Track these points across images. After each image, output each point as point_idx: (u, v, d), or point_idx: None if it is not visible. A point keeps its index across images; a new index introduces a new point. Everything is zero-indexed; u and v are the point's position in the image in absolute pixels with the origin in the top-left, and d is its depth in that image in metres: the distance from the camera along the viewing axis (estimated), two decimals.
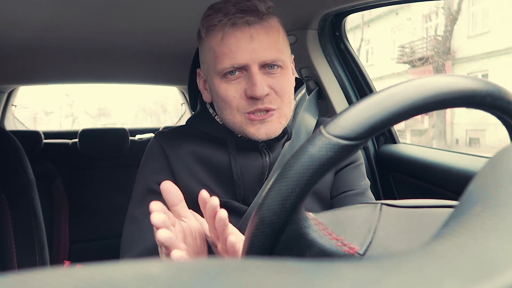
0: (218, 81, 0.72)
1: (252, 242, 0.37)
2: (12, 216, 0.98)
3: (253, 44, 0.68)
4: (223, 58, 0.69)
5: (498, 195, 0.21)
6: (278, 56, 0.70)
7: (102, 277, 0.13)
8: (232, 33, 0.68)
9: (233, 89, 0.71)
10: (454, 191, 0.97)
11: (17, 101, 2.49)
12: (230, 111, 0.72)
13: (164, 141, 0.80)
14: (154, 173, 0.78)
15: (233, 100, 0.71)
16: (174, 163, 0.77)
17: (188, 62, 0.93)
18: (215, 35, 0.70)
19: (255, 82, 0.68)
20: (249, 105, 0.71)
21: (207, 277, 0.14)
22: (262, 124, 0.71)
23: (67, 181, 1.94)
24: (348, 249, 0.36)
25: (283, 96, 0.72)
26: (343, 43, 1.31)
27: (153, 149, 0.81)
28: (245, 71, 0.70)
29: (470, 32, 9.37)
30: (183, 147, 0.78)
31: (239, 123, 0.73)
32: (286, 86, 0.73)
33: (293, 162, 0.34)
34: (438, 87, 0.35)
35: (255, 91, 0.68)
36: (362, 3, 1.07)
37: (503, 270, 0.15)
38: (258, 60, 0.69)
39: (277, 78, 0.71)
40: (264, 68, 0.71)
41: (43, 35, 1.38)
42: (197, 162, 0.77)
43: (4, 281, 0.13)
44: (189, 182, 0.75)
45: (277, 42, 0.71)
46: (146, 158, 0.82)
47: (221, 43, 0.69)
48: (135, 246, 0.73)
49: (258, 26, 0.69)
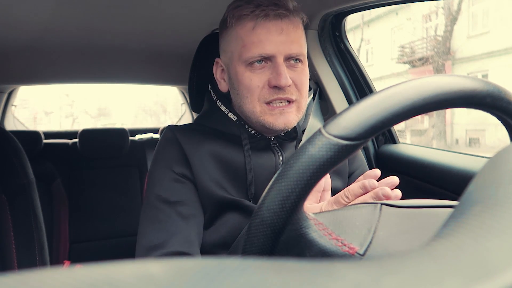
0: (243, 70, 0.74)
1: (252, 242, 0.37)
2: (12, 216, 0.98)
3: (282, 36, 0.71)
4: (251, 47, 0.71)
5: (497, 195, 0.21)
6: (301, 51, 0.75)
7: (102, 277, 0.13)
8: (264, 24, 0.71)
9: (257, 78, 0.73)
10: (454, 191, 0.97)
11: (17, 101, 2.49)
12: (251, 100, 0.74)
13: (180, 134, 0.80)
14: (174, 162, 0.78)
15: (256, 89, 0.73)
16: (191, 156, 0.77)
17: (188, 62, 0.93)
18: (246, 24, 0.72)
19: (280, 72, 0.71)
20: (271, 94, 0.73)
21: (207, 277, 0.14)
22: (281, 114, 0.74)
23: (67, 181, 1.94)
24: (348, 249, 0.36)
25: (302, 90, 0.75)
26: (343, 43, 1.31)
27: (169, 139, 0.81)
28: (270, 62, 0.73)
29: (470, 32, 9.36)
30: (198, 143, 0.79)
31: (258, 112, 0.75)
32: (305, 80, 0.76)
33: (293, 162, 0.34)
34: (438, 87, 0.35)
35: (280, 81, 0.71)
36: (362, 3, 1.07)
37: (502, 270, 0.15)
38: (284, 52, 0.72)
39: (298, 72, 0.75)
40: (288, 61, 0.74)
41: (43, 35, 1.38)
42: (212, 160, 0.78)
43: (4, 281, 0.13)
44: (203, 179, 0.76)
45: (302, 38, 0.76)
46: (163, 147, 0.81)
47: (251, 33, 0.71)
48: (154, 237, 0.73)
49: (288, 20, 0.72)
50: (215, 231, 0.76)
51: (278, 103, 0.74)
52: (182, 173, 0.77)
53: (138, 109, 21.09)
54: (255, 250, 0.37)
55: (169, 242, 0.72)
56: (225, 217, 0.75)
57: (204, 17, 1.23)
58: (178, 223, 0.73)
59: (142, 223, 0.76)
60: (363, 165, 0.92)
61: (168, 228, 0.73)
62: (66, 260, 1.79)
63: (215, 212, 0.76)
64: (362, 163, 0.93)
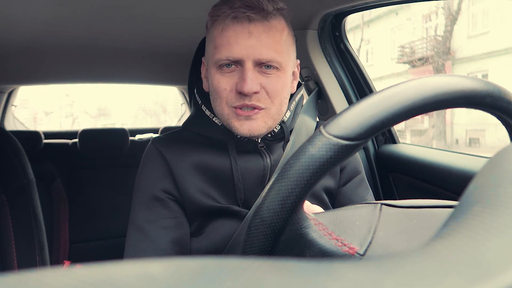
0: (214, 71, 0.73)
1: (252, 242, 0.37)
2: (12, 216, 0.98)
3: (250, 40, 0.69)
4: (221, 49, 0.70)
5: (497, 195, 0.21)
6: (274, 57, 0.70)
7: (102, 277, 0.13)
8: (231, 25, 0.69)
9: (225, 81, 0.71)
10: (454, 191, 0.97)
11: (17, 101, 2.49)
12: (219, 102, 0.73)
13: (162, 147, 0.79)
14: (157, 180, 0.77)
15: (223, 92, 0.72)
16: (175, 169, 0.76)
17: (188, 62, 0.93)
18: (218, 25, 0.71)
19: (245, 78, 0.69)
20: (237, 99, 0.71)
21: (207, 277, 0.14)
22: (247, 120, 0.72)
23: (67, 181, 1.94)
24: (348, 249, 0.36)
25: (274, 97, 0.73)
26: (343, 43, 1.31)
27: (151, 154, 0.80)
28: (240, 66, 0.71)
29: (470, 32, 9.37)
30: (182, 153, 0.78)
31: (226, 116, 0.74)
32: (279, 88, 0.73)
33: (293, 162, 0.34)
34: (438, 87, 0.35)
35: (244, 87, 0.69)
36: (362, 3, 1.07)
37: (502, 270, 0.15)
38: (253, 57, 0.69)
39: (271, 78, 0.72)
40: (259, 66, 0.71)
41: (43, 35, 1.38)
42: (197, 169, 0.76)
43: (4, 281, 0.13)
44: (189, 190, 0.75)
45: (278, 43, 0.71)
46: (145, 164, 0.81)
47: (221, 34, 0.70)
48: (143, 256, 0.73)
49: (259, 23, 0.70)
50: (205, 238, 0.75)
51: (244, 108, 0.72)
52: (166, 189, 0.76)
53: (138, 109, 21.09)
54: (255, 250, 0.37)
55: (157, 246, 0.73)
56: (216, 224, 0.75)
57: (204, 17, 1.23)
58: (162, 245, 0.73)
59: (127, 243, 0.76)
60: (354, 160, 0.89)
61: (150, 253, 0.73)
62: (66, 260, 1.79)
63: (204, 220, 0.76)
64: (353, 158, 0.89)
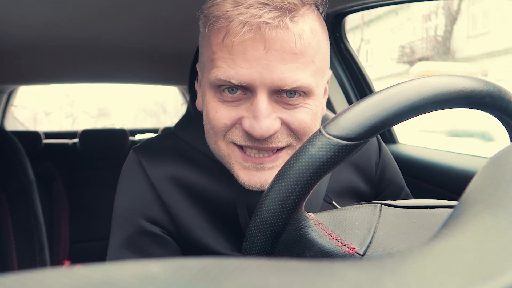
0: (210, 95, 0.50)
1: (252, 242, 0.37)
2: (12, 216, 0.98)
3: (267, 57, 0.45)
4: (221, 65, 0.47)
5: (497, 195, 0.21)
6: (302, 81, 0.47)
7: (102, 277, 0.13)
8: (239, 34, 0.44)
9: (225, 112, 0.49)
10: (454, 191, 0.97)
11: (17, 101, 2.49)
12: (215, 139, 0.51)
13: (146, 161, 0.59)
14: (141, 206, 0.57)
15: (222, 127, 0.49)
16: (163, 194, 0.57)
17: (188, 62, 0.93)
18: (217, 30, 0.47)
19: (257, 115, 0.46)
20: (244, 139, 0.49)
21: (207, 277, 0.14)
22: (258, 171, 0.50)
23: (67, 181, 1.94)
24: (348, 249, 0.36)
25: (302, 134, 0.50)
26: (343, 43, 1.31)
27: (132, 170, 0.60)
28: (249, 93, 0.48)
29: (470, 32, 9.37)
30: (170, 172, 0.58)
31: (226, 158, 0.51)
32: (308, 121, 0.50)
33: (293, 163, 0.34)
34: (438, 87, 0.35)
35: (255, 130, 0.46)
36: (362, 3, 1.07)
37: (502, 270, 0.15)
38: (270, 83, 0.46)
39: (297, 110, 0.49)
40: (278, 94, 0.48)
41: (43, 35, 1.38)
42: (192, 199, 0.57)
43: (4, 281, 0.13)
44: (186, 222, 0.57)
45: (307, 58, 0.47)
46: (124, 182, 0.61)
47: (221, 45, 0.47)
48: None
49: (280, 31, 0.45)
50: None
51: (255, 152, 0.50)
52: (151, 218, 0.57)
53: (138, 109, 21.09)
54: (255, 250, 0.37)
55: None
56: None
57: None
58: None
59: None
60: (391, 164, 0.72)
61: None
62: (66, 260, 1.79)
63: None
64: (390, 163, 0.72)
